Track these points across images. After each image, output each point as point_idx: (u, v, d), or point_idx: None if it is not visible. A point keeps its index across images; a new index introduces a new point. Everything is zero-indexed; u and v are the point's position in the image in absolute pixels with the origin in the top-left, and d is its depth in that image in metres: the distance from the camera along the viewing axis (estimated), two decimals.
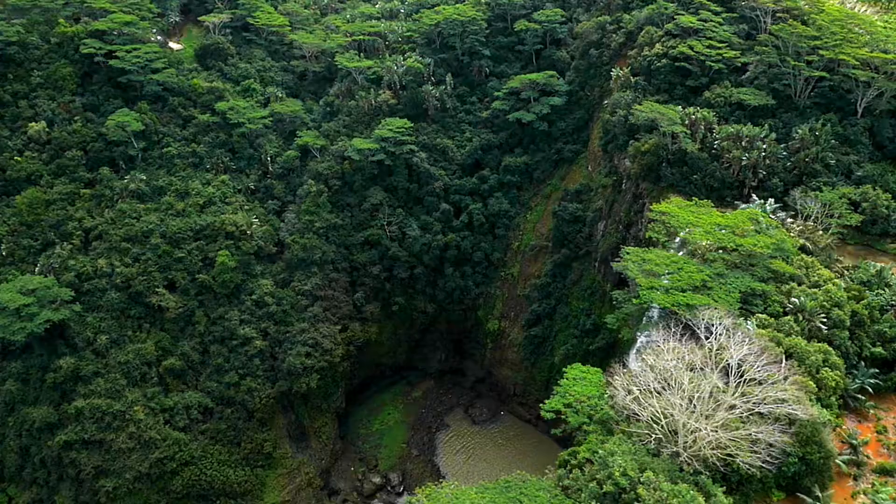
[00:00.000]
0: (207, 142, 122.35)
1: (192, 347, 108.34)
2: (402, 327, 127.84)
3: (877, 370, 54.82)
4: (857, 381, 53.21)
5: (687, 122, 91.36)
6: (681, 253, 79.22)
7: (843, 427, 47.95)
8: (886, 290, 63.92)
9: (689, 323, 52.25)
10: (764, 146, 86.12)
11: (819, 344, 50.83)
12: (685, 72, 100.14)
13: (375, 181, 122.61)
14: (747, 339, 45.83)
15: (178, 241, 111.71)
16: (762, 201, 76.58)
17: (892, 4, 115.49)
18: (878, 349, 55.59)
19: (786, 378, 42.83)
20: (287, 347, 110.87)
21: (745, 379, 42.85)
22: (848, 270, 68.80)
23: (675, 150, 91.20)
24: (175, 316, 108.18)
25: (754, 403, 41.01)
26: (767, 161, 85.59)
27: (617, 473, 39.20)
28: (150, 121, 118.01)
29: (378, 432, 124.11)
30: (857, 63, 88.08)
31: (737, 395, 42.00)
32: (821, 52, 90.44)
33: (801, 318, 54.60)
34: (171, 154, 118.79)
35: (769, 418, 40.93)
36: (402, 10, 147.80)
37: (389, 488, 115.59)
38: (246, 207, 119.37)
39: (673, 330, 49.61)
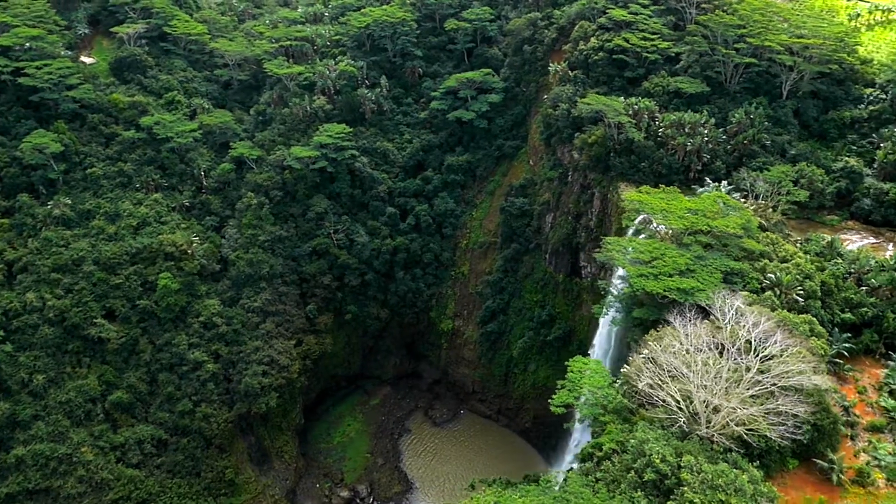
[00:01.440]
0: (134, 159, 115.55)
1: (139, 378, 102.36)
2: (355, 336, 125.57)
3: (849, 335, 58.57)
4: (834, 346, 56.52)
5: (631, 112, 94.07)
6: (641, 237, 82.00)
7: (835, 392, 50.71)
8: (840, 259, 68.32)
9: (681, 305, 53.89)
10: (705, 131, 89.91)
11: (803, 315, 53.70)
12: (622, 64, 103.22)
13: (318, 189, 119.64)
14: (763, 317, 47.84)
15: (113, 266, 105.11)
16: (717, 184, 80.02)
17: None
18: (848, 315, 59.35)
19: (800, 350, 45.03)
20: (242, 368, 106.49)
21: (764, 355, 44.70)
22: (800, 244, 72.90)
23: (622, 139, 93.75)
24: (117, 346, 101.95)
25: (777, 377, 42.86)
26: (710, 145, 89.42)
27: (657, 460, 39.83)
28: (70, 141, 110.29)
29: (340, 445, 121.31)
30: (781, 48, 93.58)
31: (758, 370, 43.70)
32: (747, 39, 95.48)
33: (779, 291, 57.49)
34: (96, 175, 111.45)
35: (790, 390, 42.94)
36: (327, 14, 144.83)
37: (359, 500, 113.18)
38: (183, 226, 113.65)
39: (688, 315, 50.95)
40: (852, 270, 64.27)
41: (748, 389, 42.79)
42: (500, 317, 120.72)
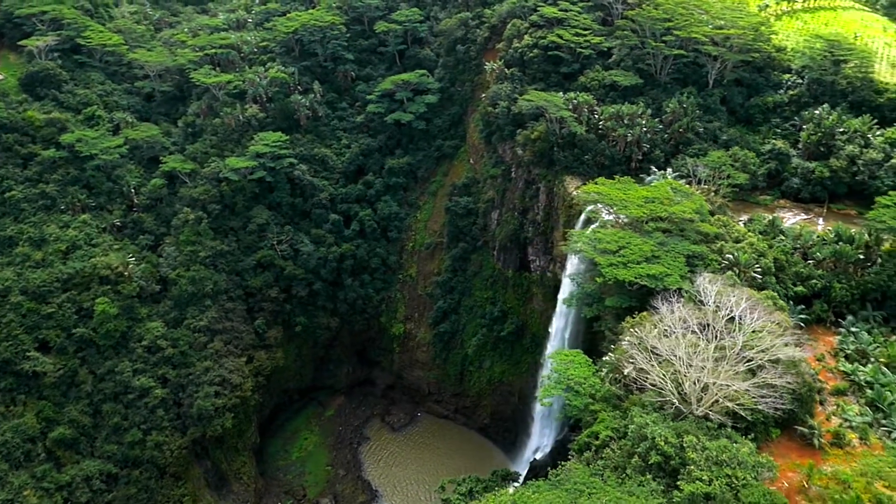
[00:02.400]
0: (57, 180, 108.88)
1: (81, 411, 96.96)
2: (305, 347, 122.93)
3: (802, 306, 62.20)
4: (791, 318, 59.82)
5: (571, 106, 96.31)
6: (591, 228, 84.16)
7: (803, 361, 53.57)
8: (783, 236, 72.41)
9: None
10: (643, 122, 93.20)
11: (765, 291, 56.61)
12: (557, 60, 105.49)
13: (258, 200, 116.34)
14: (744, 297, 50.04)
15: (43, 295, 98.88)
16: (663, 172, 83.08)
17: None
18: (800, 288, 63.04)
19: (781, 325, 47.47)
20: (192, 391, 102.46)
21: (748, 330, 46.82)
22: (744, 224, 76.73)
23: (565, 134, 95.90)
24: (55, 380, 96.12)
25: (763, 351, 45.00)
26: (648, 135, 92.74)
27: (661, 443, 41.01)
28: None
29: (299, 460, 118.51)
30: (706, 40, 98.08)
31: (744, 345, 45.73)
32: (674, 32, 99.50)
33: (738, 270, 60.38)
34: (15, 198, 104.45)
35: (776, 363, 45.19)
36: (251, 20, 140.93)
37: None
38: (116, 247, 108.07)
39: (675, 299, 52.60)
40: (798, 246, 68.24)
41: (737, 365, 44.82)
42: (451, 316, 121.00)
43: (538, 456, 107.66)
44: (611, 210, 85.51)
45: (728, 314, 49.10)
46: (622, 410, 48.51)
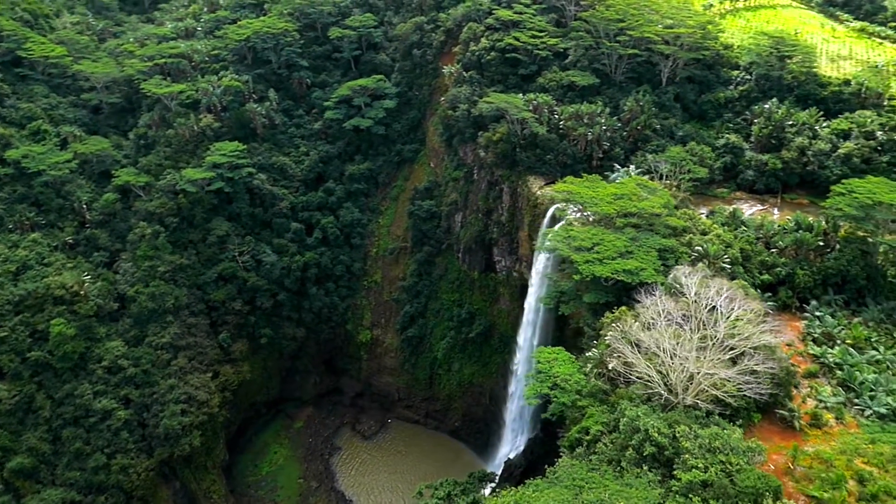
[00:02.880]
0: (3, 198, 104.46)
1: (40, 438, 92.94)
2: (271, 359, 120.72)
3: (769, 294, 64.35)
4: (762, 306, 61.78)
5: (531, 107, 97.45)
6: (558, 226, 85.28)
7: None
8: (745, 226, 74.79)
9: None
10: (602, 121, 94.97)
11: (736, 280, 58.35)
12: (515, 62, 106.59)
13: (217, 212, 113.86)
14: (725, 288, 51.38)
15: None
16: (626, 168, 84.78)
17: None
18: (766, 276, 65.20)
19: (758, 313, 48.94)
20: (157, 410, 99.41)
21: (731, 319, 48.13)
22: (706, 216, 78.92)
23: (526, 134, 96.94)
24: (10, 407, 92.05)
25: (746, 338, 46.31)
26: (608, 133, 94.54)
27: (655, 434, 41.72)
28: None
29: (270, 475, 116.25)
30: (658, 39, 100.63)
31: (727, 334, 47.01)
32: (628, 32, 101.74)
33: (708, 262, 62.06)
34: None
35: (760, 349, 46.58)
36: (200, 29, 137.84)
37: None
38: (69, 265, 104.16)
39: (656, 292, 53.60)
40: (760, 236, 70.55)
41: (720, 353, 46.06)
42: (419, 321, 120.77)
43: (512, 455, 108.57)
44: (576, 208, 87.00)
45: (709, 304, 50.49)
46: (610, 405, 49.24)
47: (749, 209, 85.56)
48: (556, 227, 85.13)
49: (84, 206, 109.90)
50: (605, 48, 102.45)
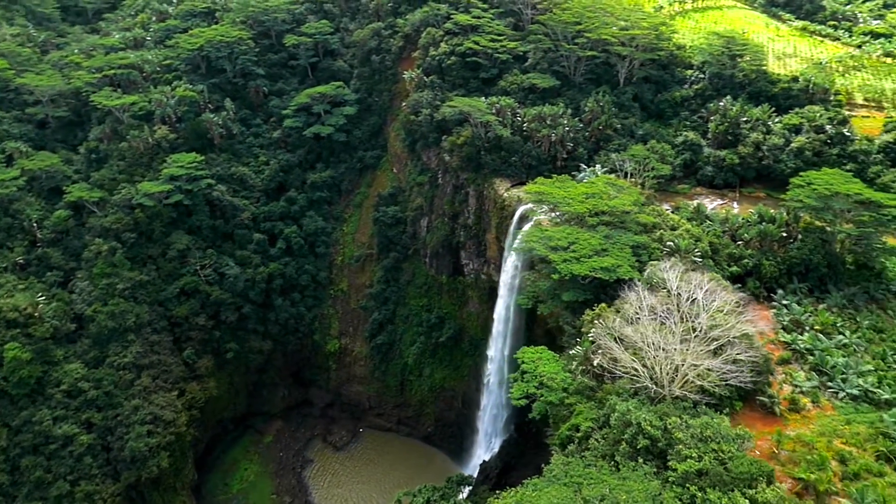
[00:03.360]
0: None
1: None
2: (238, 374, 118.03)
3: (739, 285, 66.13)
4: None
5: (494, 110, 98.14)
6: (527, 227, 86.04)
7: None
8: (709, 221, 76.79)
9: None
10: (565, 122, 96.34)
11: (709, 273, 59.78)
12: (475, 65, 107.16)
13: (176, 225, 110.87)
14: (706, 281, 52.44)
15: None
16: (593, 168, 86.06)
17: None
18: (734, 268, 66.98)
19: (739, 303, 50.15)
20: (122, 433, 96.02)
21: (712, 310, 49.18)
22: (672, 212, 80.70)
23: (490, 137, 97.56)
24: None
25: (727, 329, 47.41)
26: (571, 134, 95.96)
27: (647, 427, 42.26)
28: None
29: (241, 492, 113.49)
30: (615, 40, 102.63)
31: (710, 325, 48.04)
32: (585, 34, 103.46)
33: (679, 256, 63.44)
34: None
35: (742, 338, 47.74)
36: (149, 38, 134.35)
37: None
38: (21, 286, 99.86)
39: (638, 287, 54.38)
40: (726, 229, 72.53)
41: (705, 344, 47.07)
42: (388, 327, 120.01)
43: (487, 458, 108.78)
44: (545, 208, 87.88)
45: (690, 297, 51.58)
46: (597, 401, 49.78)
47: (710, 204, 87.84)
48: (527, 228, 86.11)
49: (34, 225, 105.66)
50: (563, 50, 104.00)
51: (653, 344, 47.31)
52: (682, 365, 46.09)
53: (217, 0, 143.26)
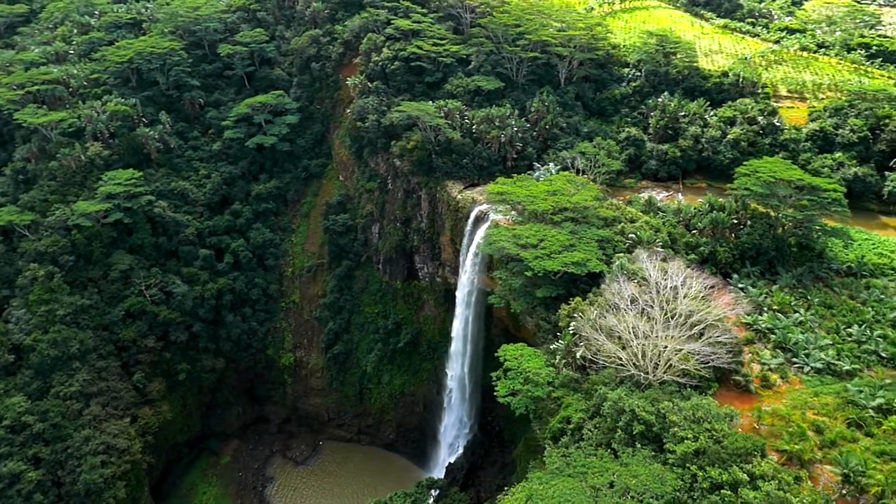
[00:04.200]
0: None
1: None
2: (190, 395, 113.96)
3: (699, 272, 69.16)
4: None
5: (443, 113, 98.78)
6: (482, 228, 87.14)
7: None
8: (662, 212, 79.86)
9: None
10: (513, 122, 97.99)
11: (683, 260, 62.26)
12: (420, 70, 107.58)
13: (117, 245, 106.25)
14: (682, 268, 54.40)
15: None
16: (547, 166, 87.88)
17: None
18: (692, 256, 69.74)
19: (714, 288, 52.32)
20: (74, 465, 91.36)
21: (690, 296, 51.16)
22: (625, 205, 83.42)
23: (441, 141, 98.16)
24: None
25: (706, 314, 49.43)
26: (520, 134, 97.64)
27: (642, 412, 43.61)
28: None
29: None
30: (555, 41, 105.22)
31: (689, 310, 50.01)
32: (526, 36, 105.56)
33: (642, 247, 65.72)
34: None
35: (720, 321, 49.89)
36: (72, 52, 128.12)
37: None
38: None
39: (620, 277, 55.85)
40: (680, 219, 75.62)
41: (688, 329, 49.02)
42: (343, 337, 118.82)
43: (453, 459, 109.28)
44: (500, 208, 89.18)
45: (669, 285, 53.58)
46: (584, 392, 51.01)
47: (657, 196, 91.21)
48: (483, 229, 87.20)
49: None
50: (506, 53, 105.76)
51: (638, 332, 48.98)
52: (665, 350, 47.94)
53: (142, 11, 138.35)
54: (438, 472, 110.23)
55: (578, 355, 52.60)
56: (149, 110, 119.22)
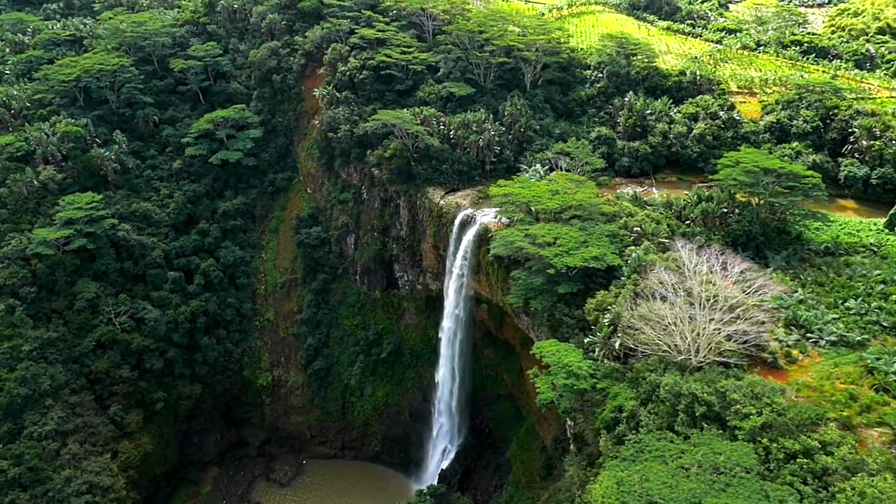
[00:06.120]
0: None
1: None
2: (166, 425, 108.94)
3: None
4: None
5: (419, 120, 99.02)
6: (472, 231, 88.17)
7: None
8: (649, 206, 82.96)
9: None
10: (489, 127, 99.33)
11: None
12: (389, 78, 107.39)
13: (80, 273, 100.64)
14: (717, 254, 56.56)
15: None
16: (535, 167, 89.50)
17: None
18: (690, 245, 73.03)
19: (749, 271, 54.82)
20: None
21: (728, 282, 53.35)
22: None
23: (420, 147, 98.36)
24: None
25: (748, 295, 51.67)
26: (496, 138, 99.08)
27: (702, 394, 45.21)
28: None
29: None
30: (522, 46, 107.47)
31: (728, 296, 52.25)
32: (493, 41, 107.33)
33: (647, 239, 68.15)
34: None
35: (755, 305, 52.33)
36: (9, 72, 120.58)
37: None
38: None
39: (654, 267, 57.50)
40: (672, 211, 78.79)
41: (730, 311, 51.23)
42: (323, 352, 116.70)
43: (445, 465, 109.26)
44: (486, 211, 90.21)
45: (707, 271, 55.86)
46: (629, 380, 52.43)
47: (632, 192, 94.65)
48: (471, 233, 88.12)
49: None
50: (473, 58, 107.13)
51: (684, 317, 50.87)
52: (710, 332, 50.03)
53: (81, 27, 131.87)
54: (430, 480, 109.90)
55: (617, 345, 54.07)
56: (101, 130, 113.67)
